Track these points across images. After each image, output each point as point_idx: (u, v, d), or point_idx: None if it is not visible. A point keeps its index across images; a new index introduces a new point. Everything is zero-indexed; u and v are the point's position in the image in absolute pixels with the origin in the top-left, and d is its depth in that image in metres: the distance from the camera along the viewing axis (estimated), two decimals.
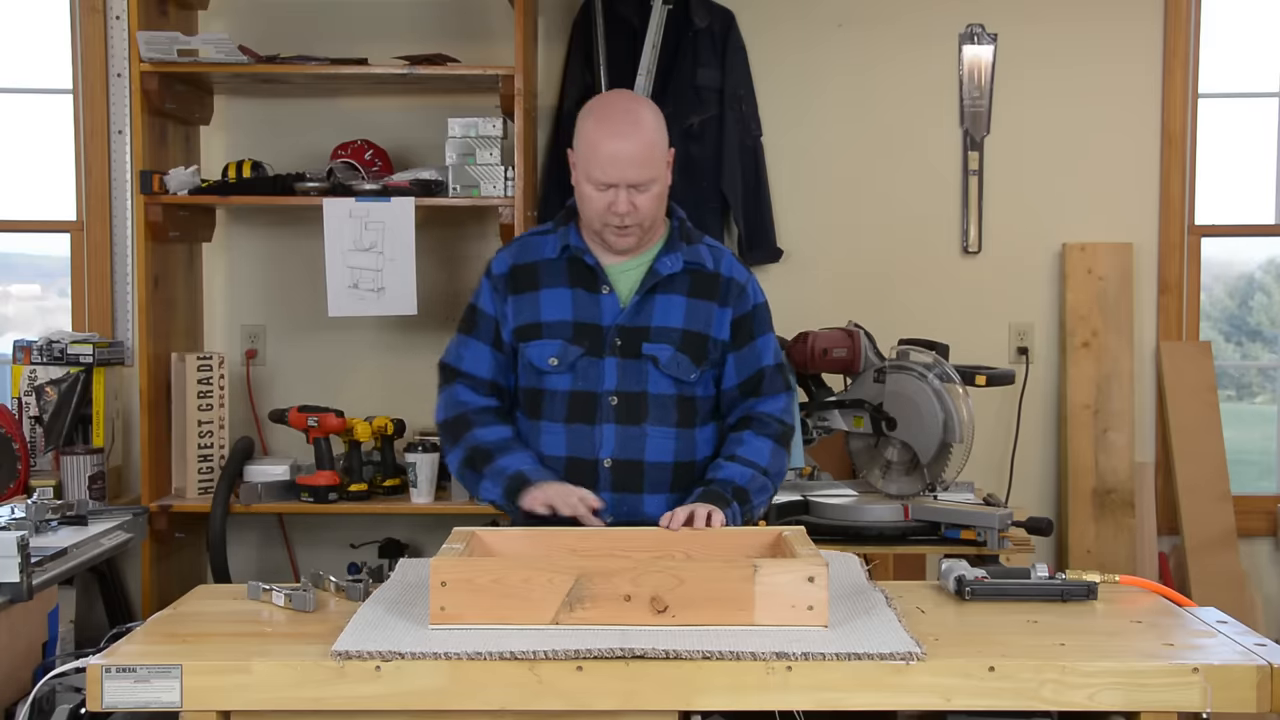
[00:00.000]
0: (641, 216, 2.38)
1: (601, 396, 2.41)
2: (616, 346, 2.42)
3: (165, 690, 1.81)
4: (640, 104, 2.44)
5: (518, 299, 2.47)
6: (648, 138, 2.36)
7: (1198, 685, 1.81)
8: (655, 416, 2.42)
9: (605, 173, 2.34)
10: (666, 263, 2.44)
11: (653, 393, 2.42)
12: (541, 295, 2.46)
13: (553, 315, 2.44)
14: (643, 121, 2.37)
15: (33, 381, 3.71)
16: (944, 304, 3.96)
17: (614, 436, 2.41)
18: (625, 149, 2.33)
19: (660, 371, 2.42)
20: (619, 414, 2.42)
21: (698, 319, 2.44)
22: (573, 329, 2.43)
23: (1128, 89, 3.98)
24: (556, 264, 2.47)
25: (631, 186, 2.35)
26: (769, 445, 2.45)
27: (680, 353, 2.42)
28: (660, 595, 1.94)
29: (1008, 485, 3.83)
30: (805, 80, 3.98)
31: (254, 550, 4.01)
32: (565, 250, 2.47)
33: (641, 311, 2.43)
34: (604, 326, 2.43)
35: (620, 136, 2.34)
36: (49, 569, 2.54)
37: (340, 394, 3.83)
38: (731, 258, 2.53)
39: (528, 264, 2.49)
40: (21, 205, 4.15)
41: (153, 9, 3.61)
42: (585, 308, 2.44)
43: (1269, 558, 4.06)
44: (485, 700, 1.81)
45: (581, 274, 2.46)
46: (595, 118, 2.40)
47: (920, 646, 1.85)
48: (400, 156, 3.88)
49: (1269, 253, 4.31)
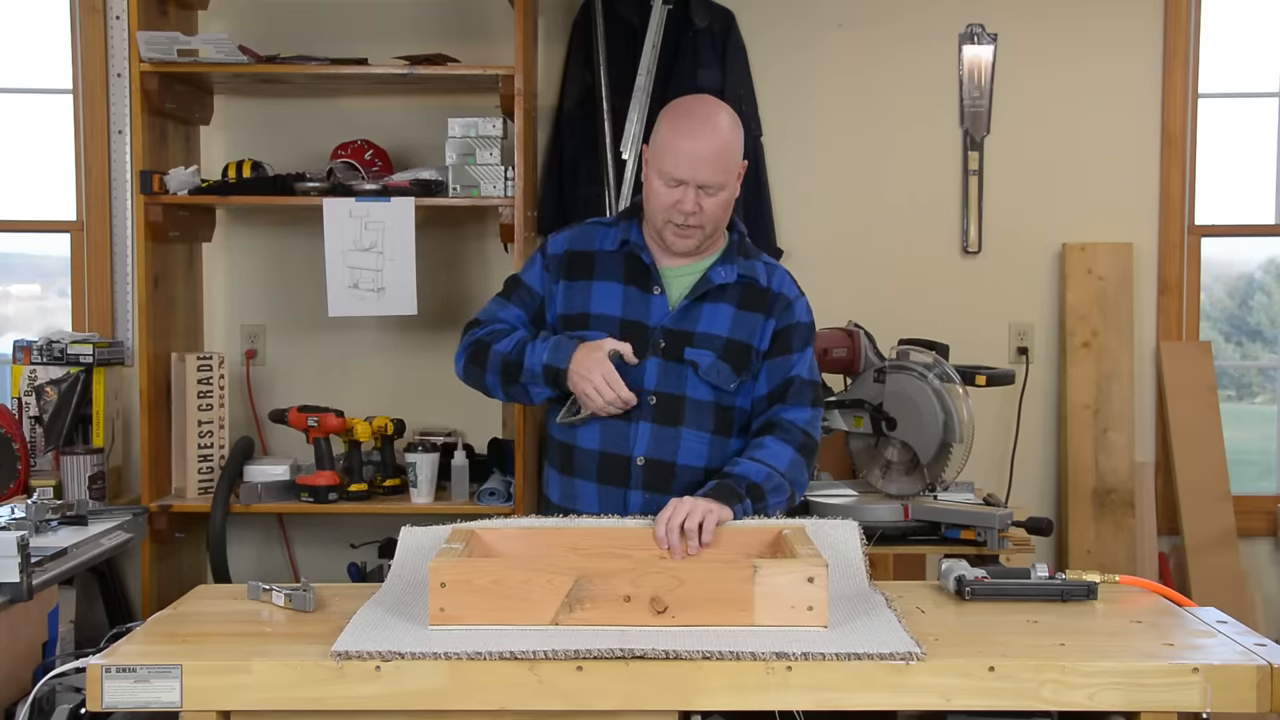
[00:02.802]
0: (705, 219, 2.37)
1: (642, 395, 2.41)
2: (660, 348, 2.42)
3: (165, 690, 1.81)
4: (721, 109, 2.42)
5: (569, 285, 2.48)
6: (724, 141, 2.36)
7: (1198, 685, 1.82)
8: (691, 420, 2.42)
9: (677, 168, 2.34)
10: (720, 273, 2.44)
11: (691, 397, 2.43)
12: (594, 287, 2.47)
13: (602, 309, 2.45)
14: (721, 125, 2.37)
15: (33, 381, 3.72)
16: (944, 304, 3.96)
17: (649, 435, 2.41)
18: (700, 148, 2.33)
19: (699, 377, 2.42)
20: (656, 414, 2.42)
21: (743, 330, 2.44)
22: (620, 325, 2.43)
23: (1128, 89, 3.98)
24: (613, 257, 2.48)
25: (700, 187, 2.34)
26: (790, 452, 2.40)
27: (721, 360, 2.42)
28: (660, 596, 1.94)
29: (1008, 485, 3.83)
30: (805, 80, 3.98)
31: (254, 550, 4.01)
32: (624, 245, 2.47)
33: (688, 316, 2.43)
34: (650, 326, 2.43)
35: (696, 136, 2.34)
36: (49, 569, 2.54)
37: (340, 394, 3.83)
38: (785, 275, 2.52)
39: (585, 252, 2.50)
40: (21, 205, 4.15)
41: (153, 9, 3.61)
42: (635, 305, 2.44)
43: (1269, 558, 4.06)
44: (485, 700, 1.81)
45: (636, 271, 2.46)
46: (674, 114, 2.41)
47: (920, 646, 1.85)
48: (400, 156, 3.88)
49: (1269, 253, 4.31)
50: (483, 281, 3.98)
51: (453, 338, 3.94)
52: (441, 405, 3.96)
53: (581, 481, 2.46)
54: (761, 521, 2.27)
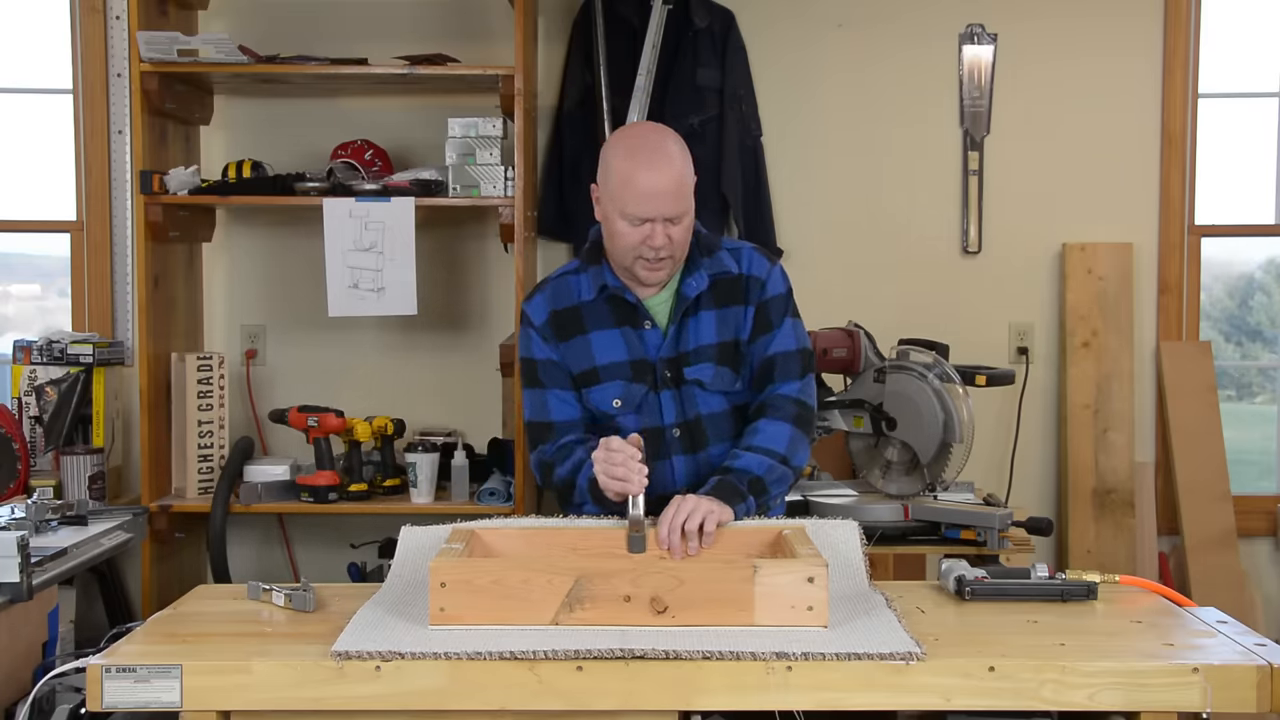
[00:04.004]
0: (675, 248, 2.36)
1: (666, 430, 2.43)
2: (667, 379, 2.43)
3: (165, 690, 1.81)
4: (666, 135, 2.39)
5: (566, 345, 2.46)
6: (679, 169, 2.33)
7: (1198, 685, 1.81)
8: (715, 435, 2.44)
9: (642, 207, 2.30)
10: (692, 284, 2.42)
11: (705, 414, 2.44)
12: (592, 339, 2.44)
13: (607, 358, 2.44)
14: (673, 153, 2.34)
15: (33, 381, 3.72)
16: (944, 304, 3.96)
17: (684, 467, 2.44)
18: (661, 182, 2.30)
19: (707, 391, 2.43)
20: (684, 444, 2.44)
21: (728, 328, 2.44)
22: (630, 368, 2.43)
23: (1128, 89, 3.98)
24: (597, 305, 2.45)
25: (667, 220, 2.32)
26: (786, 430, 2.38)
27: (720, 367, 2.43)
28: (660, 596, 1.94)
29: (1008, 485, 3.83)
30: (805, 80, 3.98)
31: (254, 550, 4.01)
32: (604, 290, 2.44)
33: (678, 339, 2.43)
34: (652, 361, 2.43)
35: (655, 169, 2.30)
36: (49, 569, 2.54)
37: (340, 394, 3.83)
38: (752, 251, 2.49)
39: (567, 309, 2.47)
40: (21, 205, 4.15)
41: (153, 9, 3.61)
42: (634, 345, 2.44)
43: (1269, 558, 4.06)
44: (485, 700, 1.81)
45: (624, 312, 2.44)
46: (625, 150, 2.36)
47: (920, 646, 1.85)
48: (400, 156, 3.88)
49: (1269, 253, 4.31)
50: (483, 281, 3.98)
51: (453, 337, 4.00)
52: (441, 405, 3.96)
53: None
54: (761, 521, 2.27)
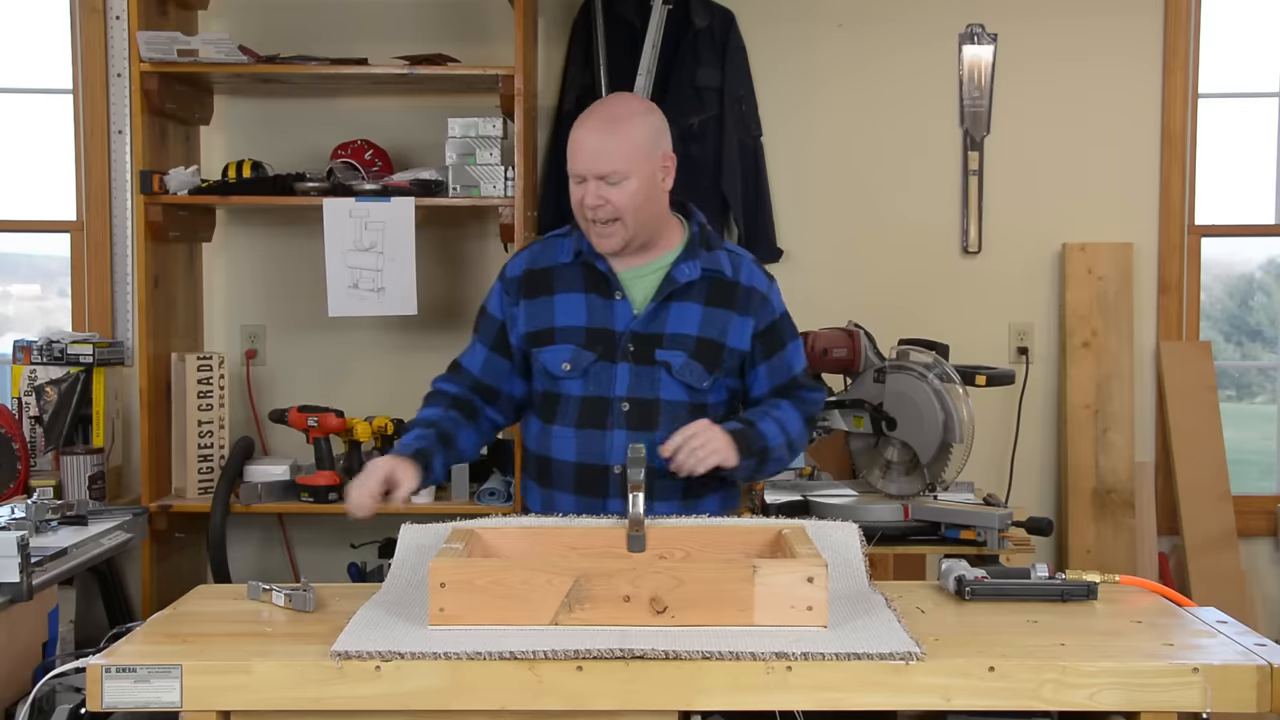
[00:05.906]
0: (614, 212, 2.33)
1: (613, 402, 2.40)
2: (629, 352, 2.41)
3: (165, 690, 1.81)
4: (630, 102, 2.43)
5: (530, 303, 2.46)
6: (623, 131, 2.33)
7: (1198, 685, 1.81)
8: (666, 423, 2.40)
9: (574, 162, 2.34)
10: (684, 270, 2.42)
11: (664, 399, 2.41)
12: (556, 300, 2.45)
13: (566, 321, 2.43)
14: (623, 117, 2.35)
15: (33, 381, 3.72)
16: (944, 304, 3.96)
17: (624, 443, 2.38)
18: (591, 140, 2.32)
19: (673, 378, 2.41)
20: (630, 420, 2.40)
21: (713, 327, 2.43)
22: (585, 334, 2.42)
23: (1128, 89, 3.98)
24: (570, 269, 2.46)
25: (600, 179, 2.32)
26: (800, 419, 2.51)
27: (694, 360, 2.41)
28: (660, 596, 1.94)
29: (1008, 485, 3.83)
30: (805, 80, 3.98)
31: (254, 550, 4.01)
32: (578, 255, 2.45)
33: (656, 318, 2.42)
34: (616, 332, 2.41)
35: (589, 129, 2.34)
36: (49, 569, 2.55)
37: (340, 394, 3.83)
38: (752, 264, 2.51)
39: (543, 269, 2.48)
40: (21, 205, 4.15)
41: (153, 9, 3.61)
42: (598, 313, 2.43)
43: (1269, 558, 4.06)
44: (485, 700, 1.81)
45: (595, 279, 2.44)
46: (583, 113, 2.41)
47: (920, 646, 1.84)
48: (400, 156, 3.88)
49: (1269, 253, 4.31)
50: (483, 281, 3.98)
51: (453, 337, 3.99)
52: None
53: (560, 494, 2.45)
54: (761, 521, 2.27)
